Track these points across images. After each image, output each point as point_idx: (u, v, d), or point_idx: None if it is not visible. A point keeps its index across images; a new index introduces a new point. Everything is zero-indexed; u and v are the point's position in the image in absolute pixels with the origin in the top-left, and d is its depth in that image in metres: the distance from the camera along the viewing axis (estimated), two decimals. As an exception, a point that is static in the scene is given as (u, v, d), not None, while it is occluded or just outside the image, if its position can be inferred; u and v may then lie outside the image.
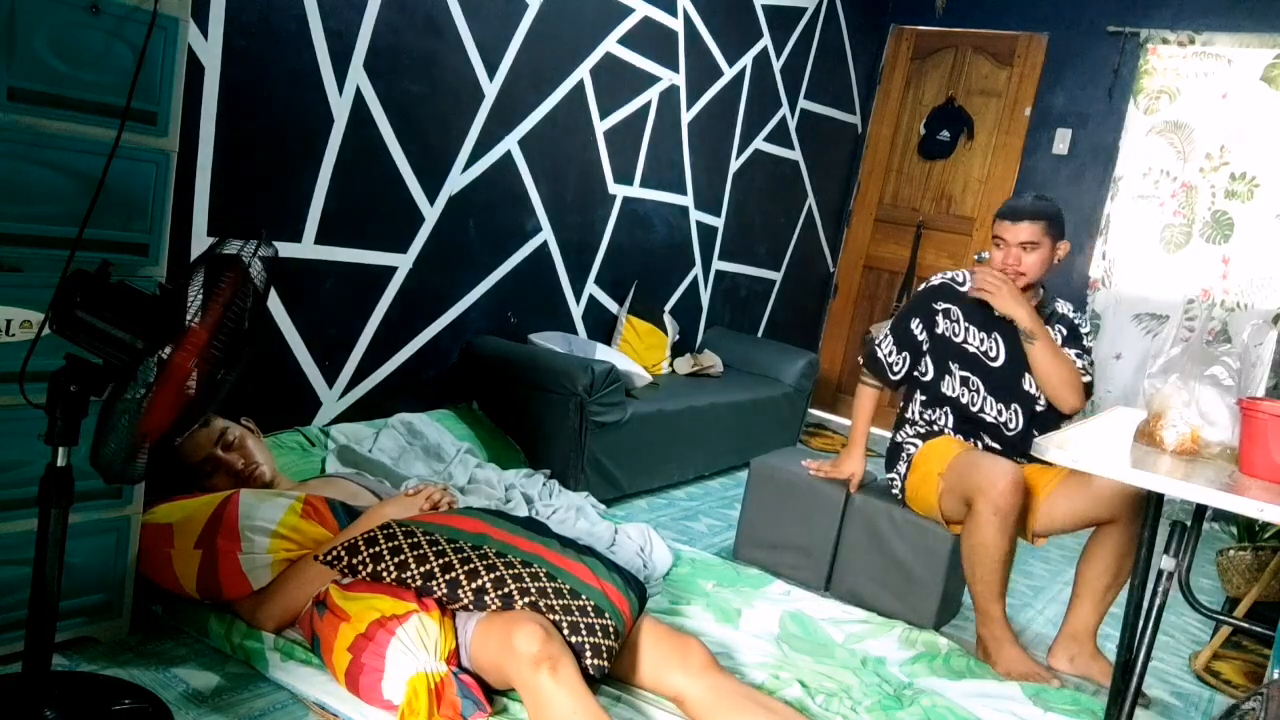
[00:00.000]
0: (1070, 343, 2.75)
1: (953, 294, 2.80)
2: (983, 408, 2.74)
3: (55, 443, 1.49)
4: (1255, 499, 1.54)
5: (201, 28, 2.48)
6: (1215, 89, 4.54)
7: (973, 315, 2.76)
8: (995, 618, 2.49)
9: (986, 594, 2.48)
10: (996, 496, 2.42)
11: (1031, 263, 2.66)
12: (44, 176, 1.67)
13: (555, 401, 3.29)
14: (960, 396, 2.75)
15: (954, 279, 2.82)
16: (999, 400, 2.74)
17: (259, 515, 2.07)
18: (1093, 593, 2.52)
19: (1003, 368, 2.73)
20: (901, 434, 2.84)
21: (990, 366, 2.74)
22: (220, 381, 1.58)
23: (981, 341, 2.74)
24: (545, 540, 2.03)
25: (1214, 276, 4.53)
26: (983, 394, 2.74)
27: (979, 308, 2.74)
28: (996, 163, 5.17)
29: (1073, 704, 2.25)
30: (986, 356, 2.74)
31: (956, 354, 2.77)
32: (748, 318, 5.14)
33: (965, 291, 2.77)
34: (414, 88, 3.06)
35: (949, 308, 2.79)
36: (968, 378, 2.75)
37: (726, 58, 4.42)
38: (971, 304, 2.76)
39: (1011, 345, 2.73)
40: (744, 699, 1.87)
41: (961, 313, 2.77)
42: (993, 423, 2.74)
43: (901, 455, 2.80)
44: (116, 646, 1.96)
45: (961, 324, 2.77)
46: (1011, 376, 2.73)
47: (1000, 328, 2.73)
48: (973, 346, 2.75)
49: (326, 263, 2.95)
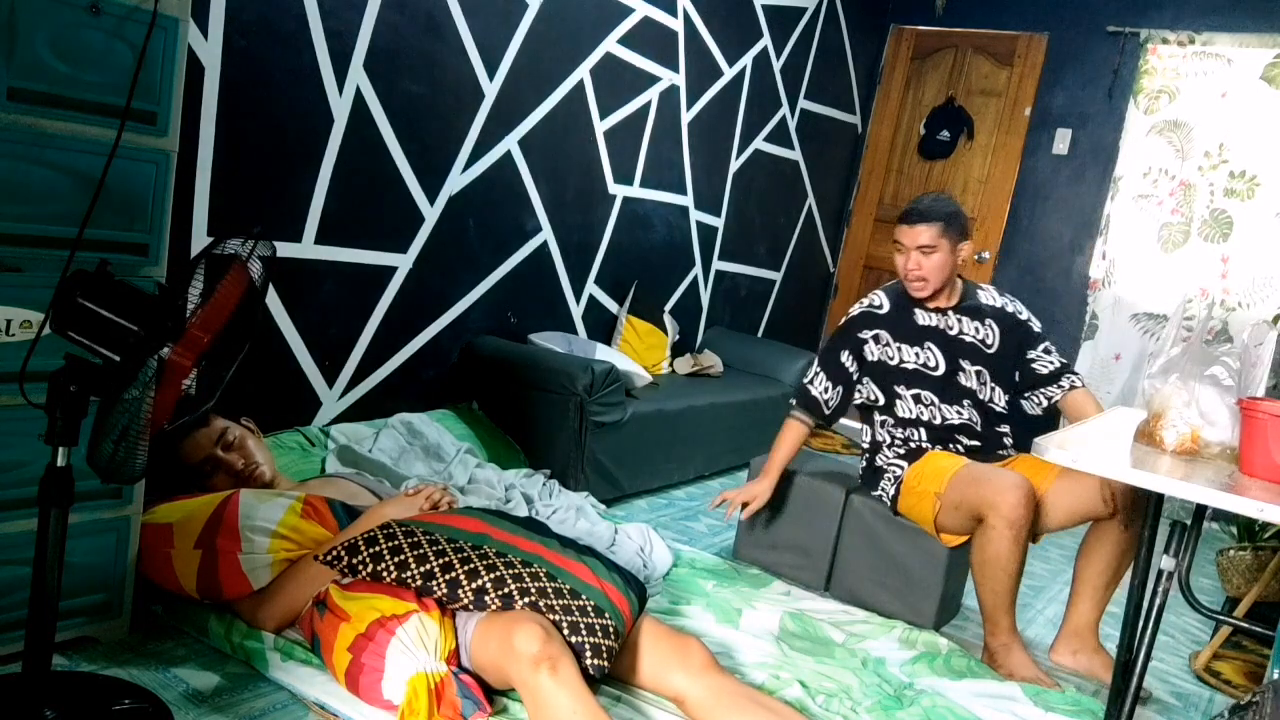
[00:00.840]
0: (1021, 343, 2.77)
1: (875, 319, 2.81)
2: (944, 416, 2.76)
3: (55, 443, 1.49)
4: (1255, 499, 1.53)
5: (201, 28, 2.48)
6: (1215, 88, 4.54)
7: (900, 332, 2.78)
8: (1005, 628, 2.47)
9: (998, 606, 2.47)
10: (1009, 510, 2.41)
11: (931, 266, 2.66)
12: (44, 176, 1.67)
13: (555, 401, 3.29)
14: (920, 415, 2.77)
15: (872, 304, 2.83)
16: (954, 403, 2.76)
17: (259, 515, 2.07)
18: (1092, 589, 2.52)
19: (944, 374, 2.76)
20: (881, 458, 2.81)
21: (934, 376, 2.77)
22: (217, 379, 1.58)
23: (918, 355, 2.77)
24: (545, 540, 2.03)
25: (1213, 276, 4.53)
26: (937, 403, 2.76)
27: (902, 322, 2.78)
28: (996, 163, 5.17)
29: (1074, 705, 2.25)
30: (926, 367, 2.77)
31: (899, 375, 2.78)
32: (748, 318, 5.14)
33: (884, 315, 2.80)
34: (414, 88, 3.06)
35: (877, 333, 2.80)
36: (919, 394, 2.77)
37: (726, 58, 4.42)
38: (896, 322, 2.78)
39: (944, 348, 2.77)
40: (744, 699, 1.87)
41: (889, 334, 2.79)
42: (960, 424, 2.76)
43: (885, 477, 2.78)
44: (116, 646, 1.96)
45: (894, 345, 2.78)
46: (953, 377, 2.76)
47: (930, 335, 2.77)
48: (911, 363, 2.78)
49: (326, 263, 2.95)
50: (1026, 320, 2.81)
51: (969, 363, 2.77)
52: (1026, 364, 2.78)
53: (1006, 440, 2.81)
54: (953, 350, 2.76)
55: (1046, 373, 2.77)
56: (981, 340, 2.77)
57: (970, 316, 2.79)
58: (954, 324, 2.78)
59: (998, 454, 2.76)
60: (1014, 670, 2.41)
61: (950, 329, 2.77)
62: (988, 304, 2.82)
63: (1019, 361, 2.78)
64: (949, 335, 2.77)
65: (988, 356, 2.77)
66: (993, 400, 2.78)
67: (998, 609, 2.47)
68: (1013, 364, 2.78)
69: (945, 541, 2.65)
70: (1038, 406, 2.83)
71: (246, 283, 1.60)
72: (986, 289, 2.87)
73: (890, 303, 2.81)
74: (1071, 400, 2.75)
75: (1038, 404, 2.82)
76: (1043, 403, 2.80)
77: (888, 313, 2.80)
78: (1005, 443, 2.80)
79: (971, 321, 2.78)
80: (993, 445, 2.77)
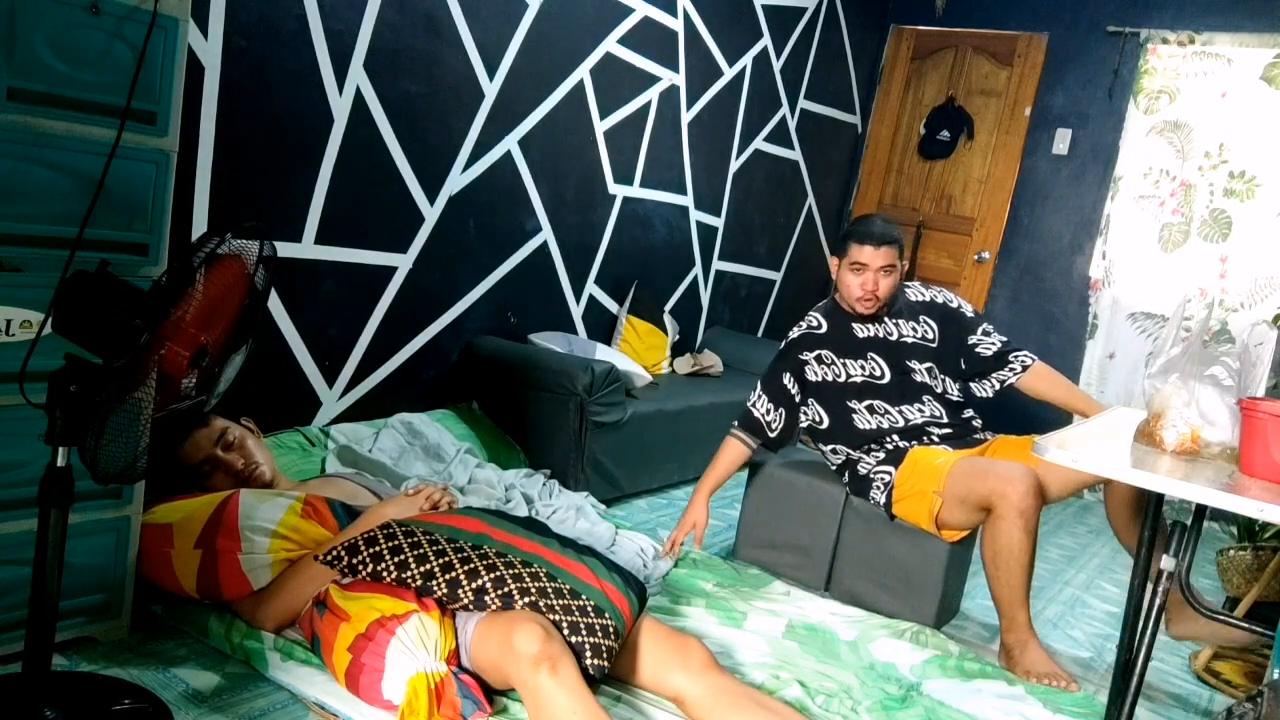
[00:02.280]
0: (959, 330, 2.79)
1: (815, 340, 2.85)
2: (907, 416, 2.78)
3: (55, 443, 1.49)
4: (1255, 499, 1.54)
5: (201, 28, 2.48)
6: (1215, 88, 4.54)
7: (843, 348, 2.81)
8: (1022, 623, 2.47)
9: (1013, 599, 2.46)
10: (1019, 499, 2.42)
11: (887, 286, 2.73)
12: (44, 176, 1.67)
13: (555, 401, 3.29)
14: (880, 424, 2.78)
15: (810, 325, 2.87)
16: (912, 402, 2.79)
17: (259, 515, 2.07)
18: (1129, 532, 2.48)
19: (893, 379, 2.79)
20: (863, 466, 2.80)
21: (882, 385, 2.79)
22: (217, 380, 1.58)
23: (863, 367, 2.80)
24: (545, 540, 2.03)
25: (1212, 276, 4.54)
26: (892, 410, 2.78)
27: (842, 338, 2.80)
28: (996, 163, 5.17)
29: (1084, 706, 2.25)
30: (874, 378, 2.79)
31: (848, 391, 2.81)
32: (748, 318, 5.14)
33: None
34: (414, 88, 3.06)
35: (819, 353, 2.83)
36: (872, 405, 2.79)
37: (726, 58, 4.42)
38: (836, 340, 2.81)
39: (888, 355, 2.79)
40: (744, 699, 1.87)
41: (833, 352, 2.82)
42: (926, 420, 2.77)
43: (873, 485, 2.76)
44: (116, 646, 1.96)
45: (838, 362, 2.82)
46: (904, 379, 2.78)
47: (872, 346, 2.80)
48: (859, 376, 2.80)
49: (326, 263, 2.95)
50: (958, 308, 2.86)
51: (917, 361, 2.80)
52: (969, 349, 2.82)
53: (976, 423, 2.84)
54: (897, 355, 2.79)
55: (991, 354, 2.80)
56: (923, 337, 2.81)
57: (905, 318, 2.82)
58: (892, 329, 2.81)
59: (974, 438, 2.78)
60: (1030, 668, 2.40)
61: (890, 335, 2.81)
62: (918, 300, 2.86)
63: (961, 348, 2.82)
64: (890, 341, 2.81)
65: (932, 351, 2.81)
66: (947, 392, 2.82)
67: (1014, 603, 2.46)
68: (956, 353, 2.82)
69: (946, 537, 2.65)
70: (989, 390, 2.85)
71: (244, 279, 1.60)
72: (911, 285, 2.91)
73: (827, 321, 2.85)
74: (1032, 378, 2.77)
75: (990, 388, 2.84)
76: (996, 385, 2.83)
77: (827, 331, 2.84)
78: (975, 425, 2.83)
79: (908, 322, 2.82)
80: (965, 432, 2.79)
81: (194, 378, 1.58)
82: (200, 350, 1.54)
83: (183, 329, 1.51)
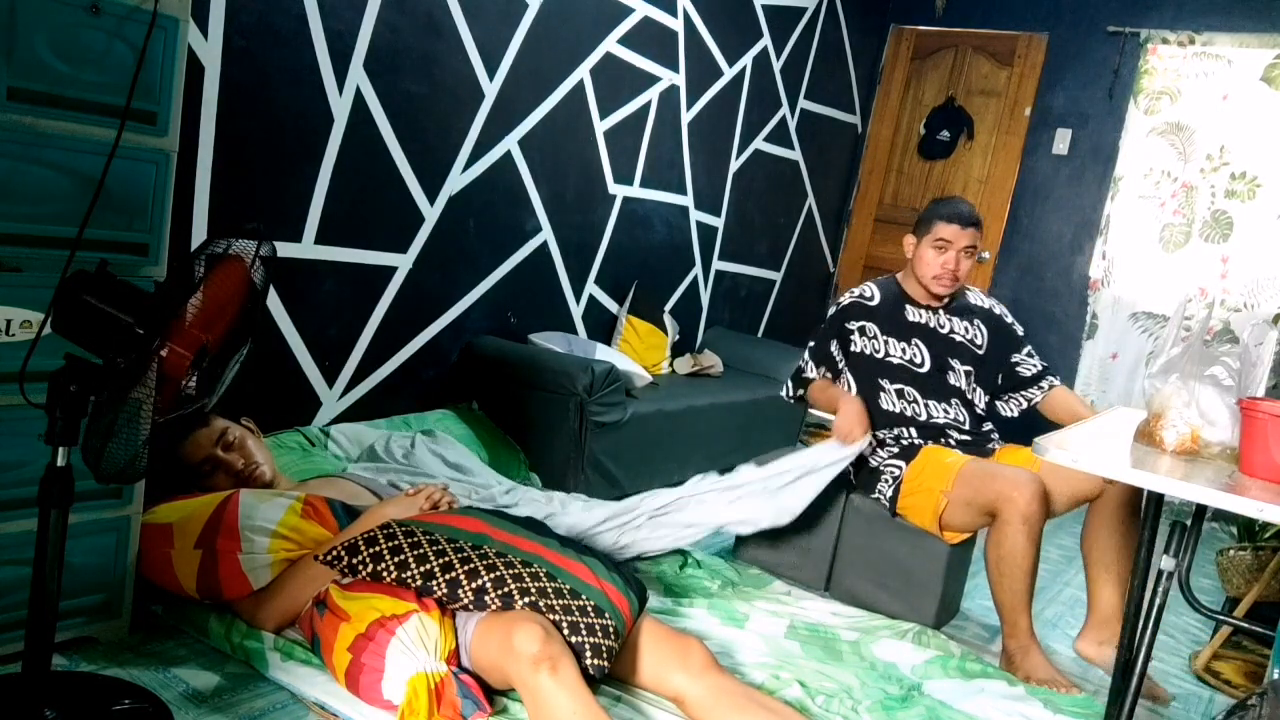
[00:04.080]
0: (1006, 345, 2.80)
1: (864, 310, 2.84)
2: (930, 413, 2.77)
3: (55, 443, 1.49)
4: (1255, 499, 1.53)
5: (201, 28, 2.48)
6: (1216, 90, 4.54)
7: (889, 326, 2.80)
8: (1023, 628, 2.46)
9: (1015, 605, 2.46)
10: (1024, 505, 2.41)
11: (966, 268, 2.73)
12: (44, 176, 1.67)
13: (555, 401, 3.29)
14: (904, 410, 2.77)
15: (863, 295, 2.86)
16: (941, 401, 2.78)
17: (259, 515, 2.07)
18: (1106, 569, 2.50)
19: (930, 372, 2.77)
20: (875, 459, 2.80)
21: (918, 373, 2.78)
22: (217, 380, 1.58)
23: (904, 351, 2.78)
24: (545, 540, 2.03)
25: (1213, 276, 4.54)
26: (921, 401, 2.77)
27: (892, 317, 2.79)
28: (996, 163, 5.17)
29: (1084, 708, 2.25)
30: (912, 364, 2.78)
31: (882, 369, 2.80)
32: (748, 318, 5.14)
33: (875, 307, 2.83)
34: (414, 88, 3.06)
35: (863, 324, 2.82)
36: (901, 389, 2.78)
37: (726, 58, 4.42)
38: (885, 316, 2.80)
39: (933, 346, 2.78)
40: (744, 699, 1.87)
41: (878, 328, 2.81)
42: (947, 423, 2.77)
43: (882, 478, 2.77)
44: (116, 646, 1.96)
45: (880, 338, 2.80)
46: (941, 376, 2.78)
47: (919, 332, 2.79)
48: (896, 358, 2.79)
49: (326, 263, 2.95)
50: (1011, 323, 2.86)
51: (959, 362, 2.78)
52: (1011, 366, 2.82)
53: (994, 436, 2.83)
54: (941, 348, 2.78)
55: (1029, 375, 2.82)
56: (971, 340, 2.81)
57: (960, 316, 2.82)
58: (944, 323, 2.80)
59: (987, 449, 2.78)
60: (1031, 672, 2.40)
61: (941, 327, 2.80)
62: (976, 304, 2.87)
63: (1004, 364, 2.82)
64: (939, 333, 2.79)
65: (977, 356, 2.80)
66: (975, 401, 2.81)
67: (1016, 609, 2.46)
68: (997, 366, 2.82)
69: (947, 539, 2.65)
70: (1015, 409, 2.86)
71: (246, 281, 1.60)
72: (973, 290, 2.91)
73: (881, 295, 2.84)
74: (1053, 399, 2.79)
75: (1016, 406, 2.86)
76: (1022, 404, 2.85)
77: (878, 305, 2.83)
78: (993, 439, 2.83)
79: (961, 321, 2.81)
80: (981, 442, 2.78)
81: (194, 378, 1.57)
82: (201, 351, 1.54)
83: (185, 330, 1.51)
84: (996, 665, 2.47)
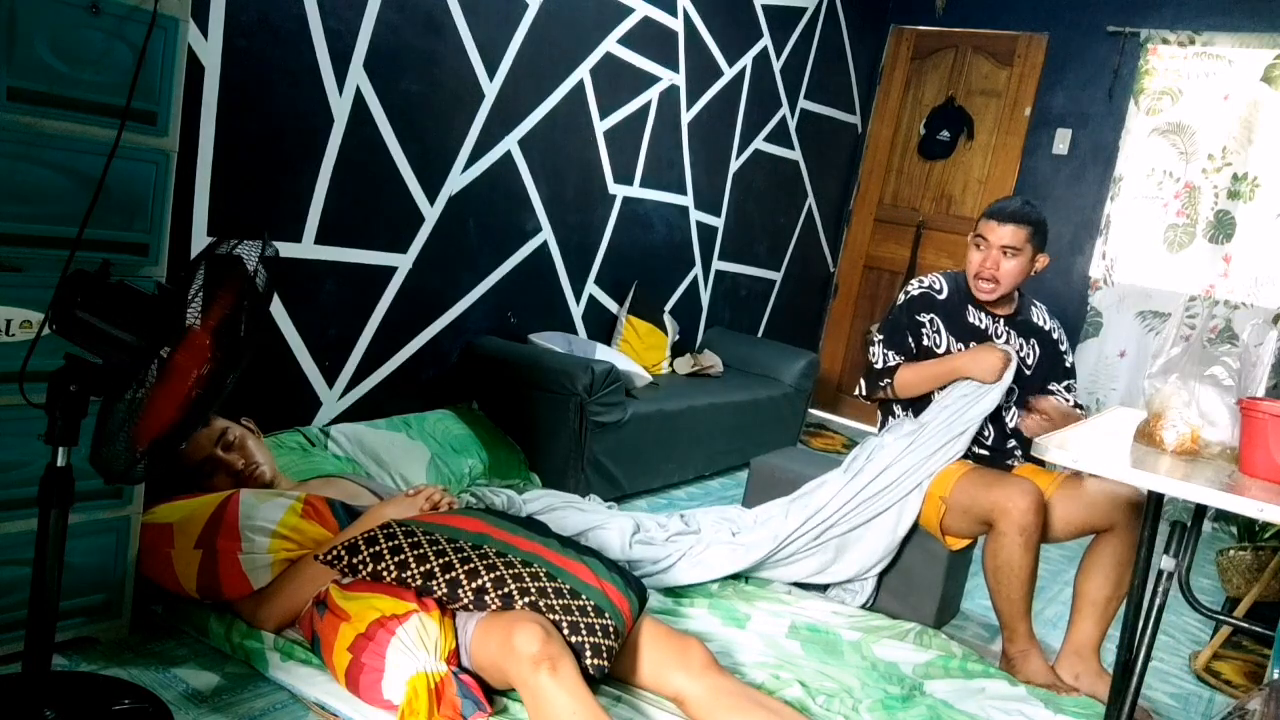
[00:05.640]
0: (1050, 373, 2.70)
1: (933, 303, 2.71)
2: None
3: (55, 443, 1.49)
4: (1255, 499, 1.54)
5: (201, 28, 2.48)
6: (1216, 90, 4.54)
7: (951, 323, 2.70)
8: (1023, 633, 2.46)
9: (1014, 612, 2.45)
10: (1020, 516, 2.40)
11: (1009, 269, 2.57)
12: (44, 176, 1.67)
13: (555, 401, 3.29)
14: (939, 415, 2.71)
15: (932, 287, 2.73)
16: None
17: (259, 515, 2.07)
18: (1093, 605, 2.45)
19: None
20: None
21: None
22: (221, 383, 1.58)
23: (960, 352, 2.67)
24: (545, 540, 2.03)
25: (1215, 275, 4.54)
26: None
27: (955, 315, 2.69)
28: (996, 163, 5.17)
29: (1085, 708, 2.25)
30: None
31: None
32: (748, 318, 5.13)
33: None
34: (414, 88, 3.06)
35: (931, 317, 2.71)
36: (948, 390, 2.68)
37: (726, 58, 4.42)
38: (950, 312, 2.70)
39: None
40: (744, 699, 1.87)
41: (942, 322, 2.70)
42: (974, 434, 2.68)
43: None
44: (116, 646, 1.96)
45: (943, 334, 2.69)
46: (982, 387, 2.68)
47: (976, 337, 2.68)
48: None
49: (326, 263, 2.95)
50: (1064, 352, 2.74)
51: None
52: (1049, 394, 2.70)
53: (1016, 453, 2.74)
54: None
55: None
56: (1023, 359, 2.69)
57: (1019, 332, 2.70)
58: (1002, 334, 2.69)
59: (1005, 465, 2.72)
60: (1030, 676, 2.41)
61: (998, 337, 2.69)
62: (1038, 323, 2.74)
63: (1043, 390, 2.71)
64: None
65: (1023, 376, 2.69)
66: (1006, 420, 2.71)
67: (1014, 616, 2.46)
68: (1035, 389, 2.70)
69: (950, 545, 2.65)
70: None
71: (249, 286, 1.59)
72: (1039, 306, 2.79)
73: (949, 290, 2.71)
74: None
75: None
76: None
77: (945, 298, 2.70)
78: (1015, 454, 2.74)
79: (1019, 337, 2.70)
80: (1000, 458, 2.71)
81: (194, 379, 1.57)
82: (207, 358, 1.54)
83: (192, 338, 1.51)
84: (997, 666, 2.47)
